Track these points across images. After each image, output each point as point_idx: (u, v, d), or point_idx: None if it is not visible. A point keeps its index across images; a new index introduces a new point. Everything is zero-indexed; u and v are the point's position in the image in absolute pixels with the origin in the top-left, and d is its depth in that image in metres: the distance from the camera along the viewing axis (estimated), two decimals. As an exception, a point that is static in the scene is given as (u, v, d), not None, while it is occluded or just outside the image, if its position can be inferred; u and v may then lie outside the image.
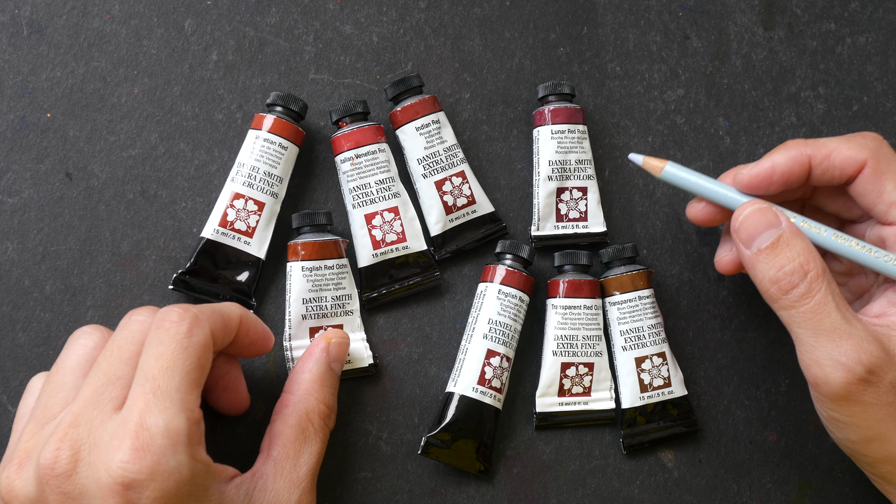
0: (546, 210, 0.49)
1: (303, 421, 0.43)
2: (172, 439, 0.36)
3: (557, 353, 0.48)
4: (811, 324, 0.39)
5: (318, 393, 0.44)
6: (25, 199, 0.49)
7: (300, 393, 0.43)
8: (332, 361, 0.45)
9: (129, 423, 0.36)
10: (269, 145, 0.47)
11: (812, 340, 0.39)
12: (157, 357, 0.37)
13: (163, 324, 0.38)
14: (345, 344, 0.46)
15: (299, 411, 0.43)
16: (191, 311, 0.39)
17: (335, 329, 0.47)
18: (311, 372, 0.44)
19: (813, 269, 0.39)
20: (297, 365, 0.45)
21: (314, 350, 0.45)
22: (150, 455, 0.35)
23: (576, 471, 0.48)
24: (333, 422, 0.44)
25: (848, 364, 0.38)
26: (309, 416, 0.43)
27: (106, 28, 0.50)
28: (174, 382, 0.37)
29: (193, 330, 0.38)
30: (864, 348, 0.38)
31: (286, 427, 0.42)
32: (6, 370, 0.47)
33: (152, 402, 0.36)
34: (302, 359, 0.45)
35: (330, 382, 0.44)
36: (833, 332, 0.39)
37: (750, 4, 0.53)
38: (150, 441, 0.35)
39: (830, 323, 0.39)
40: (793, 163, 0.42)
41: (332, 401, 0.44)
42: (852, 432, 0.40)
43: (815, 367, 0.39)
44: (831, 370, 0.39)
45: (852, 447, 0.41)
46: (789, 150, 0.42)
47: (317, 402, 0.43)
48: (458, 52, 0.52)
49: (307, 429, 0.43)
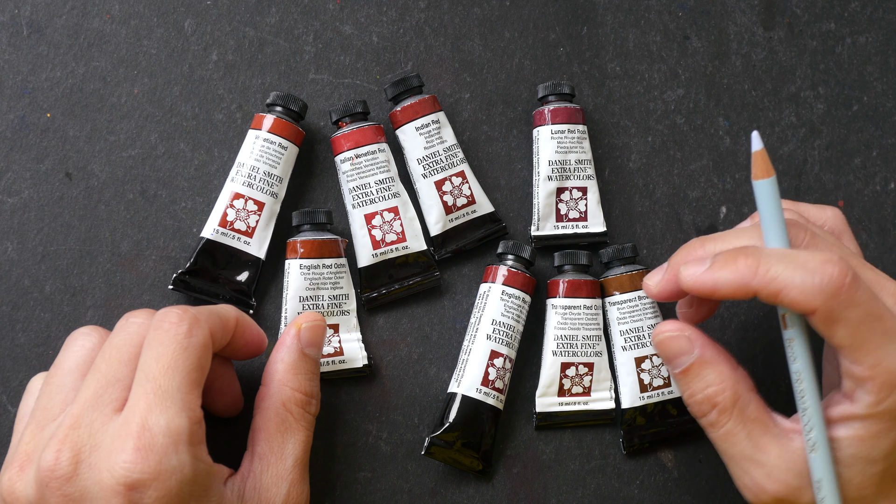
0: (546, 210, 0.49)
1: (280, 412, 0.42)
2: (175, 439, 0.36)
3: (557, 353, 0.48)
4: (723, 448, 0.40)
5: (291, 382, 0.43)
6: (25, 199, 0.49)
7: (274, 384, 0.43)
8: (305, 347, 0.43)
9: (131, 423, 0.36)
10: (269, 145, 0.47)
11: (727, 460, 0.41)
12: (158, 357, 0.37)
13: (162, 325, 0.38)
14: (318, 326, 0.44)
15: (276, 403, 0.42)
16: (190, 311, 0.39)
17: (307, 313, 0.46)
18: (282, 361, 0.43)
19: (721, 402, 0.40)
20: (271, 356, 0.44)
21: (285, 339, 0.44)
22: (152, 455, 0.35)
23: (576, 471, 0.48)
24: (315, 408, 0.43)
25: (755, 491, 0.39)
26: (286, 406, 0.42)
27: (106, 28, 0.50)
28: (175, 382, 0.37)
29: (193, 330, 0.38)
30: (774, 478, 0.39)
31: (265, 421, 0.42)
32: (6, 370, 0.47)
33: (154, 402, 0.36)
34: (274, 349, 0.44)
35: (305, 369, 0.43)
36: (742, 460, 0.40)
37: (750, 4, 0.53)
38: (153, 441, 0.35)
39: (739, 451, 0.40)
40: (735, 291, 0.38)
41: (310, 387, 0.43)
42: None
43: (738, 482, 0.40)
44: (745, 491, 0.40)
45: None
46: (735, 274, 0.38)
47: (292, 391, 0.42)
48: (458, 52, 0.52)
49: (286, 419, 0.42)
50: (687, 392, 0.41)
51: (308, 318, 0.44)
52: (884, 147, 0.52)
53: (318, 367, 0.44)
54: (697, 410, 0.41)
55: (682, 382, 0.41)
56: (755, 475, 0.39)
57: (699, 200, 0.51)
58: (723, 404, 0.40)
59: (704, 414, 0.40)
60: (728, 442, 0.40)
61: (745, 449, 0.39)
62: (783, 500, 0.39)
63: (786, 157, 0.52)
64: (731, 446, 0.40)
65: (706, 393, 0.40)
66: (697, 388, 0.40)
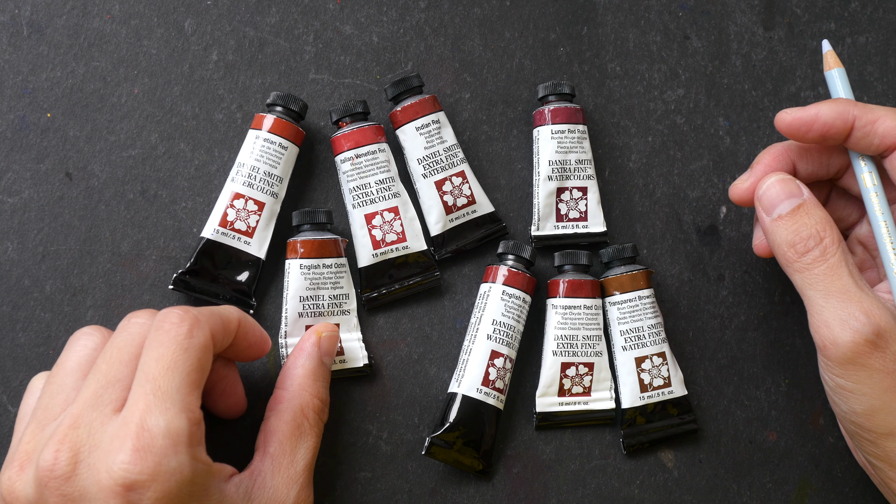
0: (546, 210, 0.49)
1: (298, 416, 0.43)
2: (174, 440, 0.36)
3: (557, 352, 0.48)
4: (823, 285, 0.41)
5: (311, 388, 0.44)
6: (25, 199, 0.49)
7: (294, 388, 0.43)
8: (323, 355, 0.45)
9: (129, 424, 0.36)
10: (269, 145, 0.47)
11: (823, 302, 0.40)
12: (158, 358, 0.37)
13: (163, 325, 0.38)
14: (335, 337, 0.46)
15: (294, 407, 0.43)
16: (191, 312, 0.39)
17: (326, 323, 0.47)
18: (303, 367, 0.44)
19: (828, 236, 0.41)
20: (289, 360, 0.45)
21: (305, 345, 0.45)
22: (151, 456, 0.35)
23: (576, 471, 0.48)
24: (327, 415, 0.44)
25: (856, 325, 0.39)
26: (304, 411, 0.43)
27: (106, 28, 0.50)
28: (175, 383, 0.37)
29: (194, 331, 0.38)
30: (874, 311, 0.39)
31: (281, 423, 0.42)
32: (6, 370, 0.47)
33: (153, 403, 0.36)
34: (293, 354, 0.45)
35: (322, 376, 0.44)
36: (844, 293, 0.40)
37: (750, 4, 0.53)
38: (152, 442, 0.35)
39: (842, 285, 0.40)
40: (837, 117, 0.42)
41: (326, 394, 0.44)
42: (857, 402, 0.41)
43: (825, 328, 0.40)
44: (840, 331, 0.40)
45: (856, 420, 0.41)
46: (837, 105, 0.42)
47: (311, 397, 0.43)
48: (458, 52, 0.52)
49: (302, 424, 0.43)
50: (793, 230, 0.42)
51: (327, 327, 0.46)
52: (884, 147, 0.52)
53: (330, 377, 0.46)
54: (803, 246, 0.41)
55: (788, 223, 0.42)
56: (856, 309, 0.39)
57: (699, 200, 0.51)
58: (830, 237, 0.41)
59: (810, 249, 0.41)
60: (832, 276, 0.40)
61: (848, 284, 0.40)
62: (882, 336, 0.39)
63: (786, 157, 0.52)
64: (834, 280, 0.40)
65: (816, 227, 0.41)
66: (806, 224, 0.41)
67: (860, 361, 0.39)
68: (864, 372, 0.39)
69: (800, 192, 0.42)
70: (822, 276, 0.41)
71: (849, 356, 0.39)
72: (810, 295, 0.41)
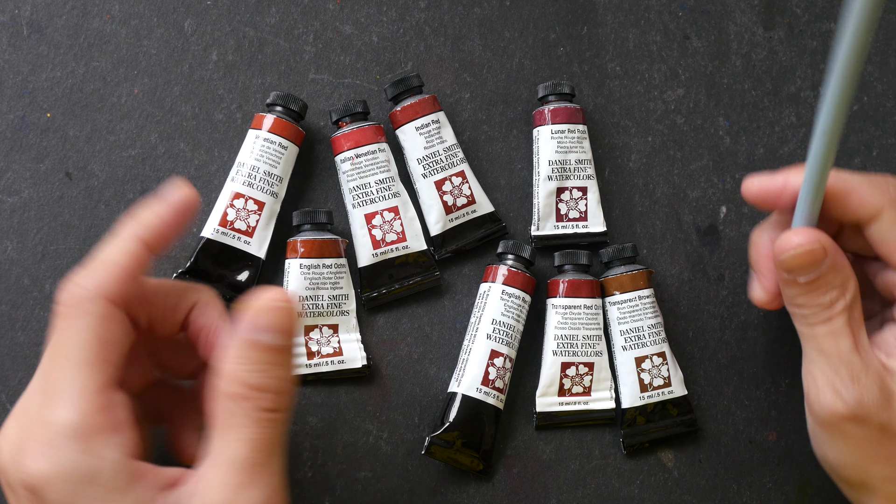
0: (546, 210, 0.49)
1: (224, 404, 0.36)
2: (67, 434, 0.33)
3: (557, 352, 0.48)
4: (819, 343, 0.39)
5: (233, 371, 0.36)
6: (25, 199, 0.49)
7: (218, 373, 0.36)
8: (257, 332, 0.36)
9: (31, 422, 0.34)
10: (269, 145, 0.47)
11: (815, 355, 0.39)
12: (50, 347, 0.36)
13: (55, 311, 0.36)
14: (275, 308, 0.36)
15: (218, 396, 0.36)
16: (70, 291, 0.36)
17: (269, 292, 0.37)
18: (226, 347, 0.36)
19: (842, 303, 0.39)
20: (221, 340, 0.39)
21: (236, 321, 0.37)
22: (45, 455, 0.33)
23: (576, 471, 0.48)
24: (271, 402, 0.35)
25: (842, 391, 0.38)
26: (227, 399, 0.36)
27: (106, 28, 0.51)
28: (64, 371, 0.35)
29: (73, 310, 0.35)
30: (861, 384, 0.38)
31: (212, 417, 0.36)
32: (5, 369, 0.47)
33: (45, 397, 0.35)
34: None
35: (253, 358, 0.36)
36: (838, 356, 0.39)
37: (750, 4, 0.53)
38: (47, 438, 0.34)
39: (839, 349, 0.39)
40: None
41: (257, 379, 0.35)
42: (830, 452, 0.40)
43: (811, 380, 0.39)
44: (824, 392, 0.39)
45: (829, 465, 0.42)
46: None
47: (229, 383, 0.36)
48: (458, 52, 0.52)
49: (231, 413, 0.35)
50: (808, 297, 0.39)
51: (268, 298, 0.36)
52: (884, 147, 0.52)
53: (279, 356, 0.36)
54: (811, 311, 0.39)
55: (809, 289, 0.39)
56: (844, 376, 0.38)
57: (699, 200, 0.51)
58: (843, 304, 0.39)
59: (817, 313, 0.39)
60: (829, 339, 0.39)
61: (845, 348, 0.38)
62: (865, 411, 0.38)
63: (786, 157, 0.52)
64: (830, 344, 0.39)
65: (832, 296, 0.39)
66: (824, 293, 0.39)
67: (839, 426, 0.39)
68: (840, 436, 0.39)
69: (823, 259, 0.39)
70: (822, 337, 0.39)
71: (828, 419, 0.39)
72: (805, 344, 0.40)
